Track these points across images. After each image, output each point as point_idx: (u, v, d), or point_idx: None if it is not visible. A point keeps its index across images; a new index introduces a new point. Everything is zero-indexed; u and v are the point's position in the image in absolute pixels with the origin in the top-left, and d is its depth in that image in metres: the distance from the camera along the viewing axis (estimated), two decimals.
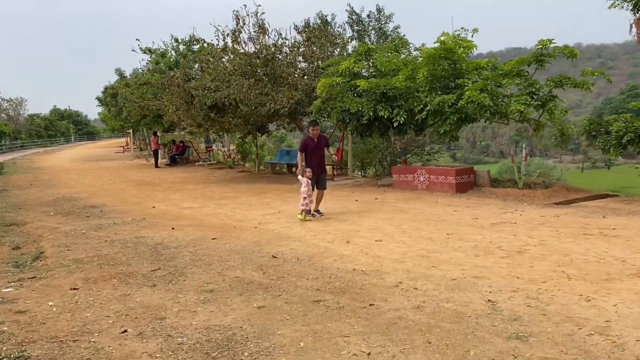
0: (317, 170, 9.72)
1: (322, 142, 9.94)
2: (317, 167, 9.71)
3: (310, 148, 9.72)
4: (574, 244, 6.68)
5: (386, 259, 6.44)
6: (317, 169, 9.72)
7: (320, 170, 9.85)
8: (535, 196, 11.31)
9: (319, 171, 9.81)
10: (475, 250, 6.68)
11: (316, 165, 9.71)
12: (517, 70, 12.05)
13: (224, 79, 15.69)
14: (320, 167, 9.83)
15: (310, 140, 9.77)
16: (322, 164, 9.91)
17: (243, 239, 8.04)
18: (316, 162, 9.72)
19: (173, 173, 21.85)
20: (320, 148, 9.82)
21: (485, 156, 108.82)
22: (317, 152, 9.75)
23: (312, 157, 9.72)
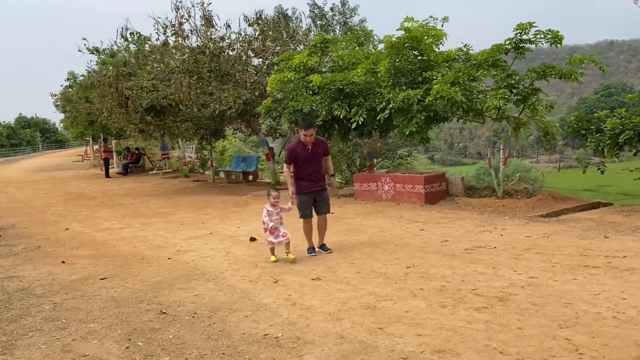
0: (313, 188, 6.88)
1: (320, 150, 6.96)
2: (312, 185, 6.87)
3: (302, 158, 6.83)
4: (576, 284, 4.89)
5: (317, 313, 4.58)
6: (313, 187, 6.88)
7: (315, 186, 6.93)
8: (517, 207, 9.57)
9: (315, 188, 6.91)
10: (442, 295, 4.85)
11: (311, 182, 6.87)
12: (493, 60, 10.30)
13: (164, 77, 13.71)
14: (315, 183, 6.93)
15: (302, 147, 6.85)
16: (319, 179, 6.99)
17: (142, 278, 6.11)
18: (311, 178, 6.88)
19: (121, 184, 19.76)
20: (316, 158, 6.93)
21: (463, 157, 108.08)
22: (312, 164, 6.88)
23: (305, 171, 6.86)
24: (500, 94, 9.59)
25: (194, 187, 17.21)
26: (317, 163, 6.94)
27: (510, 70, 10.09)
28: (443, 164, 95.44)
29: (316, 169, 6.94)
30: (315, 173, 6.92)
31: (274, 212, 6.61)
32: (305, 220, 6.94)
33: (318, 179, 6.95)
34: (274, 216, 6.58)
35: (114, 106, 14.22)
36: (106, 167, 23.67)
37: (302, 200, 6.87)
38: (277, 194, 6.62)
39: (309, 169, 6.87)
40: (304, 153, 6.89)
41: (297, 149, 6.92)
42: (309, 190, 6.89)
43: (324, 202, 7.01)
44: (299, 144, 6.90)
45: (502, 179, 10.86)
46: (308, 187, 6.89)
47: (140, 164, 25.29)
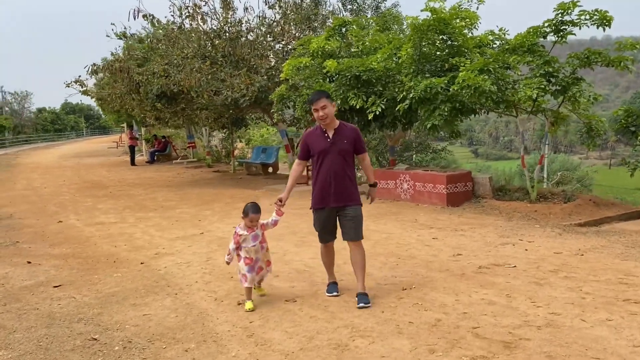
0: (333, 202, 4.58)
1: (346, 140, 4.58)
2: (331, 196, 4.57)
3: (318, 151, 4.59)
4: (610, 328, 3.78)
5: (273, 352, 3.66)
6: (333, 199, 4.57)
7: (338, 198, 4.57)
8: (551, 213, 8.36)
9: (336, 201, 4.57)
10: (433, 334, 3.83)
11: (330, 192, 4.56)
12: (529, 45, 9.05)
13: (178, 63, 12.97)
14: (338, 193, 4.56)
15: (318, 135, 4.64)
16: (344, 188, 4.57)
17: (99, 287, 5.33)
18: (330, 184, 4.55)
19: (142, 173, 19.31)
20: (340, 152, 4.55)
21: (508, 152, 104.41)
22: (332, 162, 4.54)
23: (322, 172, 4.58)
24: (536, 83, 8.36)
25: (211, 178, 16.52)
26: (341, 160, 4.54)
27: (549, 57, 8.82)
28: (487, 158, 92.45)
29: (340, 170, 4.52)
30: (338, 177, 4.51)
31: (249, 238, 4.59)
32: (322, 245, 4.83)
33: (342, 186, 4.53)
34: (249, 243, 4.59)
35: (124, 92, 13.61)
36: (132, 154, 23.34)
37: (316, 216, 4.73)
38: (257, 215, 4.61)
39: (327, 169, 4.52)
40: (320, 143, 4.57)
41: (311, 137, 4.67)
42: (324, 204, 4.59)
43: (351, 223, 4.57)
44: (316, 130, 4.70)
45: (537, 179, 9.62)
46: (324, 199, 4.58)
47: (167, 152, 24.90)
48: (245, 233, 4.63)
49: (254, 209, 4.64)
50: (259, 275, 4.74)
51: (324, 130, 4.64)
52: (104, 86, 21.34)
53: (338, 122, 4.69)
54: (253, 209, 4.63)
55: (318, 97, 4.58)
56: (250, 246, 4.62)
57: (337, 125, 4.67)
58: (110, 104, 15.69)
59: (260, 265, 4.71)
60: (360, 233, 4.67)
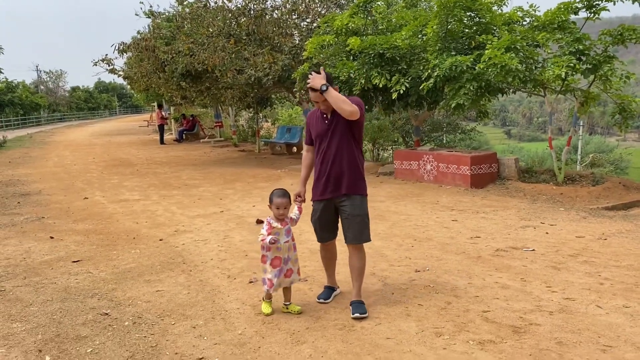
0: (330, 190, 3.98)
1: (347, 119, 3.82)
2: (327, 184, 3.99)
3: (315, 134, 4.07)
4: (626, 316, 3.65)
5: (279, 330, 3.67)
6: (330, 186, 3.98)
7: (335, 188, 3.97)
8: (577, 196, 8.13)
9: (333, 192, 3.98)
10: (442, 316, 3.77)
11: (326, 179, 3.98)
12: (560, 22, 8.71)
13: (202, 41, 12.97)
14: (336, 182, 3.95)
15: (317, 116, 4.06)
16: (343, 176, 3.95)
17: (116, 263, 5.43)
18: (328, 171, 3.97)
19: (169, 151, 19.55)
20: (339, 134, 3.93)
21: (542, 133, 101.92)
22: (331, 145, 3.95)
23: (321, 158, 4.02)
24: (565, 61, 8.06)
25: (236, 157, 16.61)
26: (341, 145, 3.91)
27: (580, 34, 8.48)
28: (520, 139, 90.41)
29: (339, 157, 3.91)
30: (336, 164, 3.92)
31: (283, 232, 3.90)
32: (321, 244, 4.28)
33: (340, 175, 3.93)
34: (282, 238, 3.90)
35: (150, 71, 13.70)
36: (161, 133, 23.62)
37: (314, 208, 4.15)
38: (283, 200, 3.87)
39: (326, 156, 3.96)
40: (318, 126, 4.01)
41: (312, 118, 4.12)
42: (321, 195, 4.03)
43: (350, 216, 3.93)
44: (316, 111, 4.07)
45: (564, 161, 9.34)
46: (320, 190, 4.03)
47: (195, 131, 25.11)
48: (279, 226, 3.90)
49: (279, 192, 3.94)
50: (288, 279, 3.99)
51: (322, 113, 4.00)
52: (132, 65, 21.59)
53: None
54: (278, 193, 3.93)
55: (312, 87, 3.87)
56: (283, 242, 3.90)
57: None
58: (137, 82, 15.85)
59: (290, 268, 3.98)
60: (364, 235, 3.94)
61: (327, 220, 4.11)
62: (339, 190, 3.96)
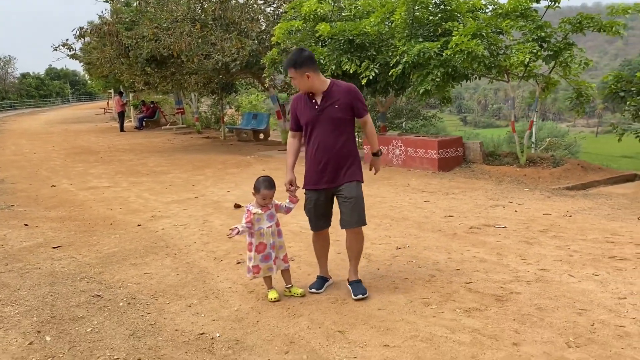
0: (325, 180, 3.85)
1: (337, 105, 3.77)
2: (321, 173, 3.85)
3: (305, 121, 3.87)
4: (596, 282, 3.95)
5: (274, 306, 3.80)
6: (324, 176, 3.84)
7: (330, 178, 3.84)
8: (540, 177, 8.54)
9: (329, 182, 3.85)
10: (428, 288, 3.99)
11: (319, 168, 3.84)
12: (522, 10, 9.05)
13: (167, 26, 12.78)
14: (331, 171, 3.83)
15: (305, 101, 3.87)
16: (339, 164, 3.83)
17: (98, 248, 5.41)
18: (322, 160, 3.82)
19: (131, 139, 19.19)
20: (331, 121, 3.78)
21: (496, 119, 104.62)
22: (323, 132, 3.80)
23: (312, 145, 3.87)
24: (528, 47, 8.41)
25: (202, 144, 16.50)
26: (333, 131, 3.77)
27: (541, 22, 8.84)
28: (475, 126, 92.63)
29: (332, 144, 3.78)
30: (329, 152, 3.77)
31: (264, 217, 3.86)
32: (314, 233, 4.11)
33: (336, 164, 3.80)
34: (265, 223, 3.85)
35: (113, 57, 13.42)
36: (121, 120, 23.12)
37: (306, 198, 3.99)
38: (270, 192, 3.83)
39: (317, 143, 3.80)
40: (307, 111, 3.84)
41: (298, 102, 3.91)
42: (315, 184, 3.89)
43: (348, 205, 3.81)
44: (304, 95, 3.86)
45: (527, 144, 9.76)
46: (314, 179, 3.89)
47: (156, 118, 24.69)
48: (260, 211, 3.83)
49: (266, 184, 3.82)
50: (275, 266, 3.90)
51: (310, 95, 3.81)
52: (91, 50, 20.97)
53: (328, 81, 3.82)
54: (265, 184, 3.82)
55: (286, 65, 3.80)
56: (265, 227, 3.83)
57: (327, 87, 3.79)
58: (100, 68, 15.48)
59: (276, 255, 3.92)
60: (361, 218, 3.86)
61: (323, 209, 3.96)
62: (336, 181, 3.83)
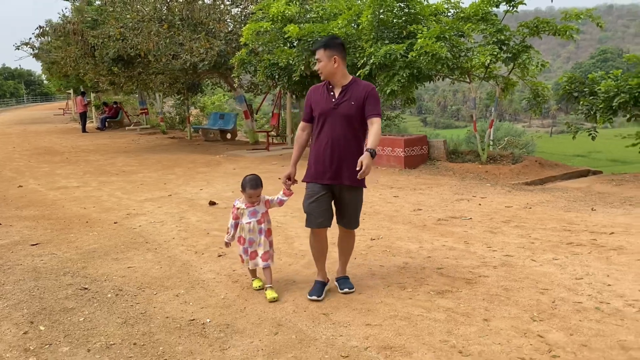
0: (330, 175, 3.74)
1: (354, 102, 3.66)
2: (329, 169, 3.73)
3: (319, 111, 3.76)
4: (556, 266, 4.31)
5: (259, 293, 3.99)
6: (330, 171, 3.73)
7: (335, 175, 3.73)
8: (500, 173, 8.98)
9: (333, 178, 3.75)
10: (403, 274, 4.26)
11: (326, 162, 3.72)
12: (483, 14, 9.50)
13: (133, 26, 12.74)
14: (337, 168, 3.72)
15: (322, 92, 3.78)
16: (346, 160, 3.69)
17: (77, 245, 5.48)
18: (328, 154, 3.71)
19: (94, 139, 18.93)
20: (346, 115, 3.67)
21: (455, 120, 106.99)
22: (335, 126, 3.69)
23: (322, 138, 3.75)
24: (489, 50, 8.85)
25: (168, 144, 16.45)
26: (345, 127, 3.67)
27: (501, 25, 9.31)
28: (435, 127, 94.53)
29: (342, 140, 3.68)
30: (339, 147, 3.68)
31: (246, 213, 3.95)
32: (312, 231, 3.89)
33: (343, 160, 3.69)
34: (245, 219, 3.95)
35: (79, 56, 13.28)
36: (83, 121, 22.73)
37: (307, 192, 3.84)
38: (256, 191, 3.91)
39: (327, 136, 3.70)
40: (322, 103, 3.72)
41: (315, 93, 3.82)
42: (319, 178, 3.76)
43: (347, 206, 3.83)
44: (323, 86, 3.78)
45: (487, 143, 10.22)
46: (318, 173, 3.76)
47: (119, 119, 24.37)
48: (243, 207, 3.97)
49: (252, 183, 3.90)
50: (252, 261, 3.97)
51: (329, 87, 3.73)
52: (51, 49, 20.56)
53: (350, 77, 3.74)
54: (251, 184, 3.89)
55: (315, 47, 3.75)
56: (244, 222, 3.94)
57: (348, 82, 3.71)
58: (64, 67, 15.25)
59: (254, 250, 3.94)
60: (358, 220, 3.95)
61: (324, 206, 3.78)
62: (339, 179, 3.72)
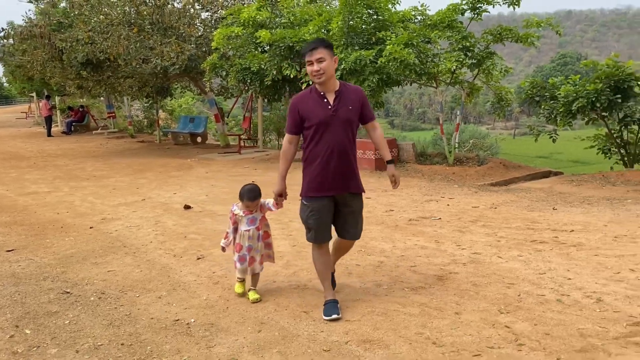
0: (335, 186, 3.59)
1: (351, 106, 3.56)
2: (331, 181, 3.57)
3: (316, 120, 3.52)
4: (521, 262, 4.58)
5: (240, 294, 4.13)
6: (335, 182, 3.58)
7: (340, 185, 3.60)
8: (467, 175, 9.31)
9: (339, 189, 3.60)
10: (378, 273, 4.47)
11: (330, 173, 3.55)
12: (449, 21, 9.84)
13: (102, 29, 12.65)
14: (342, 177, 3.58)
15: (315, 99, 3.58)
16: (348, 171, 3.60)
17: (54, 250, 5.50)
18: (329, 165, 3.54)
19: (61, 144, 18.62)
20: (344, 122, 3.54)
21: (422, 123, 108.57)
22: (335, 134, 3.52)
23: (320, 148, 3.55)
24: (455, 56, 9.18)
25: (138, 148, 16.34)
26: (345, 134, 3.53)
27: (466, 32, 9.66)
28: (402, 129, 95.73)
29: (344, 147, 3.54)
30: (341, 156, 3.53)
31: (244, 221, 3.91)
32: (316, 245, 3.74)
33: (347, 168, 3.58)
34: (244, 226, 3.91)
35: (46, 60, 13.11)
36: (48, 125, 22.32)
37: (310, 208, 3.64)
38: (254, 202, 3.87)
39: (328, 146, 3.51)
40: (319, 111, 3.52)
41: (304, 102, 3.58)
42: (323, 191, 3.58)
43: (352, 217, 3.71)
44: (310, 93, 3.61)
45: (454, 145, 10.56)
46: (323, 186, 3.57)
47: (85, 123, 24.00)
48: (241, 214, 3.91)
49: (250, 195, 3.84)
50: (244, 268, 3.95)
51: (321, 94, 3.53)
52: (14, 52, 20.12)
53: (339, 82, 3.59)
54: (248, 196, 3.83)
55: (314, 46, 3.47)
56: (243, 230, 3.91)
57: (338, 86, 3.56)
58: (30, 71, 14.99)
59: (252, 256, 3.93)
60: (359, 232, 3.82)
61: (329, 219, 3.68)
62: (347, 188, 3.61)
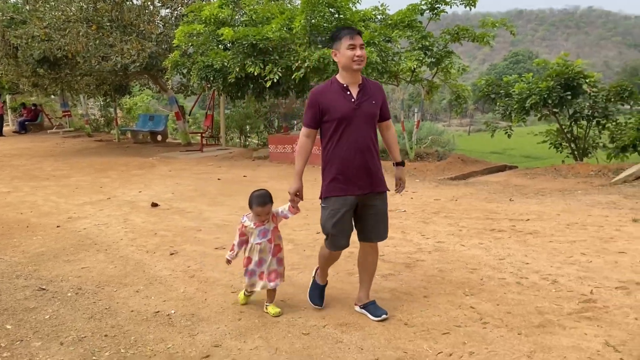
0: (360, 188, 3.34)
1: (374, 101, 3.35)
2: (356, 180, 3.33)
3: (339, 115, 3.27)
4: (482, 249, 4.88)
5: (217, 286, 4.26)
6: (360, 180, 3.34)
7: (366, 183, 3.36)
8: (428, 170, 9.65)
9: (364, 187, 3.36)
10: (349, 263, 4.67)
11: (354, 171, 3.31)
12: (409, 21, 10.15)
13: (59, 26, 12.40)
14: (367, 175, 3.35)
15: (337, 91, 3.30)
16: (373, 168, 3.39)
17: (23, 249, 5.46)
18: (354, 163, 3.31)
19: (15, 143, 18.09)
20: (368, 118, 3.33)
21: None
22: (359, 130, 3.29)
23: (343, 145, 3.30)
24: (415, 55, 9.49)
25: (96, 147, 16.07)
26: (368, 130, 3.33)
27: (425, 32, 9.99)
28: None
29: (368, 143, 3.32)
30: (366, 152, 3.32)
31: (255, 232, 3.58)
32: (331, 252, 3.61)
33: (372, 166, 3.38)
34: (255, 239, 3.59)
35: (0, 57, 12.75)
36: (0, 124, 21.59)
37: (331, 208, 3.38)
38: (264, 208, 3.51)
39: (353, 142, 3.29)
40: (342, 104, 3.28)
41: (326, 94, 3.32)
42: (348, 190, 3.33)
43: (379, 214, 3.45)
44: (331, 86, 3.34)
45: (415, 142, 10.90)
46: (347, 184, 3.32)
47: (39, 122, 23.31)
48: (252, 226, 3.59)
49: (259, 200, 3.50)
50: (255, 284, 3.66)
51: (344, 86, 3.29)
52: None
53: (361, 76, 3.38)
54: (258, 201, 3.50)
55: (356, 31, 3.30)
56: (254, 243, 3.59)
57: (362, 79, 3.35)
58: None
59: (263, 271, 3.62)
60: (385, 232, 3.54)
61: (350, 224, 3.45)
62: (372, 187, 3.37)
